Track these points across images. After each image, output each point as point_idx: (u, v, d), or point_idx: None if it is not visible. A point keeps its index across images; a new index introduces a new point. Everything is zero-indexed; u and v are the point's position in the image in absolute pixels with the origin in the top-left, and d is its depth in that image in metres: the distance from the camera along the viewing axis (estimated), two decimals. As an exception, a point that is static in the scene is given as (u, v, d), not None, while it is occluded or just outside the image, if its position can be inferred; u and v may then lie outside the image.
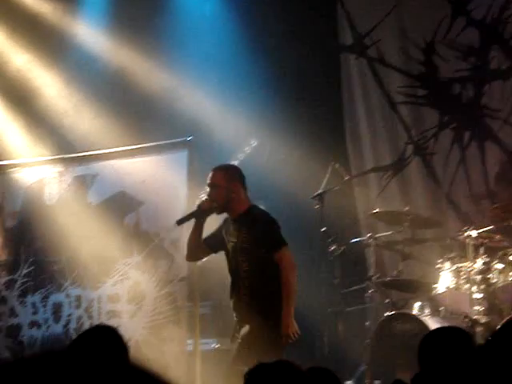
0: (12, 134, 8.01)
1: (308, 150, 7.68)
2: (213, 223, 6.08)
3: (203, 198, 5.99)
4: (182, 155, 7.44)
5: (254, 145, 7.86)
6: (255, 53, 7.91)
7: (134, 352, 4.07)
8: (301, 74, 8.05)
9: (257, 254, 5.73)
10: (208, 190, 5.92)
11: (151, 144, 7.53)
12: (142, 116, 7.83)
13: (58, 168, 7.72)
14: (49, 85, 7.93)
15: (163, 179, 7.39)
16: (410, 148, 8.36)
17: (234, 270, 5.86)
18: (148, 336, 7.05)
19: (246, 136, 7.83)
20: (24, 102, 7.98)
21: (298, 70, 8.03)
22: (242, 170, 6.04)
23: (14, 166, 7.87)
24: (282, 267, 5.67)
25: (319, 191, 7.09)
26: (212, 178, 5.92)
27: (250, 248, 5.75)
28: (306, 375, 2.75)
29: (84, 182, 7.60)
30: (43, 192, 7.71)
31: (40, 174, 7.76)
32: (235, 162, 7.69)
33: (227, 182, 5.84)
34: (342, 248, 7.17)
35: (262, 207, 6.14)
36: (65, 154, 7.76)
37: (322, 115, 8.20)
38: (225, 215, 6.00)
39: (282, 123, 7.76)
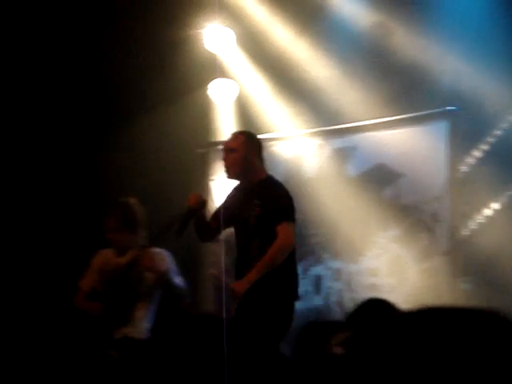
0: (272, 107, 8.11)
1: None
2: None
3: (190, 197, 5.46)
4: (442, 126, 7.24)
5: (518, 114, 7.48)
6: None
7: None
8: None
9: (270, 230, 5.16)
10: (224, 154, 5.46)
11: (410, 115, 7.37)
12: (401, 86, 7.65)
13: (318, 141, 7.76)
14: (308, 57, 7.94)
15: (422, 151, 7.23)
16: None
17: (243, 246, 5.32)
18: (408, 311, 6.92)
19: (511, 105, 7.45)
20: (284, 75, 8.05)
21: None
22: (260, 139, 5.59)
23: (274, 139, 7.98)
24: (277, 239, 5.09)
25: None
26: (230, 142, 5.45)
27: (263, 222, 5.20)
28: None
29: (343, 155, 7.59)
30: (303, 165, 7.78)
31: (300, 148, 7.84)
32: (498, 133, 7.36)
33: (246, 148, 5.37)
34: None
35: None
36: (324, 126, 7.76)
37: None
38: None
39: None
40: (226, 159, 5.44)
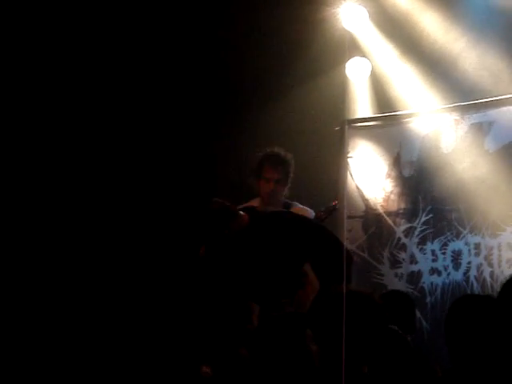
0: (408, 83, 8.10)
1: None
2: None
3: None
4: None
5: None
6: None
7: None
8: None
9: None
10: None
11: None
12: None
13: (454, 116, 7.70)
14: (441, 29, 7.88)
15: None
16: None
17: None
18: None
19: None
20: (418, 49, 8.02)
21: None
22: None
23: (410, 115, 7.98)
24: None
25: None
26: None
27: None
28: None
29: (481, 130, 7.51)
30: (439, 141, 7.75)
31: (436, 123, 7.81)
32: None
33: None
34: None
35: None
36: (461, 101, 7.70)
37: None
38: None
39: None
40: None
